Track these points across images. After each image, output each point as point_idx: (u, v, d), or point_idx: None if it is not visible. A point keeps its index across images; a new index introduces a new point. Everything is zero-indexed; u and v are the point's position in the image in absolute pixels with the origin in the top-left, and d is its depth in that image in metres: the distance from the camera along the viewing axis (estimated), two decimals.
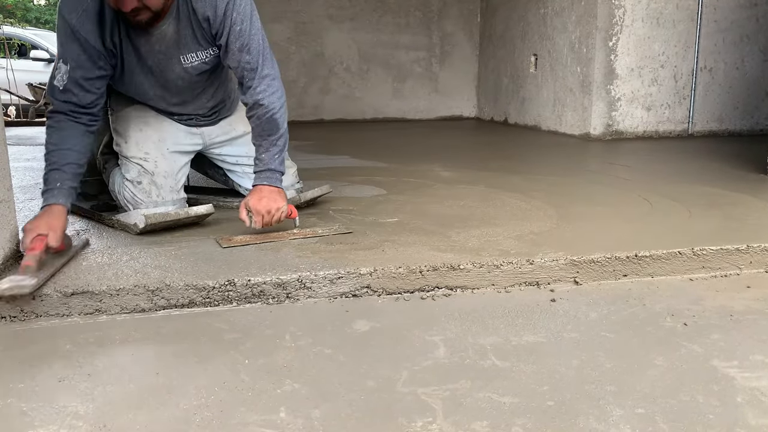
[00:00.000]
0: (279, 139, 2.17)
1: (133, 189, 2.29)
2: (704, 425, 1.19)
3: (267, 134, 2.16)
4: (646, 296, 1.85)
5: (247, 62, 2.12)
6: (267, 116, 2.14)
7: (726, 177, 3.33)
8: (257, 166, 2.17)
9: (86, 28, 2.00)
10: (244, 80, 2.15)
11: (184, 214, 2.21)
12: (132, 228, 2.15)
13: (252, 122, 2.18)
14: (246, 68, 2.12)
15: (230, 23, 2.08)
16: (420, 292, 1.85)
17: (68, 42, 2.01)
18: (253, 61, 2.12)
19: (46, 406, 1.23)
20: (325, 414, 1.21)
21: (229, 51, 2.12)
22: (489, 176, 3.36)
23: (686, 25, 5.10)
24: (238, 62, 2.13)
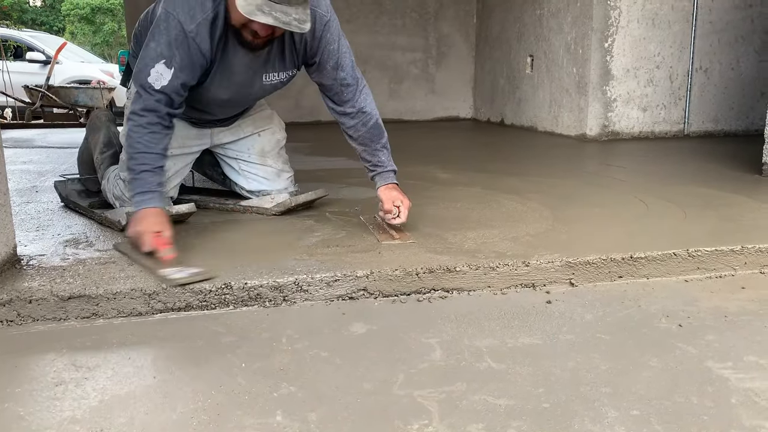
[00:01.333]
0: (386, 141, 2.31)
1: (124, 187, 2.32)
2: (699, 426, 1.19)
3: (377, 139, 2.28)
4: (641, 297, 1.86)
5: (343, 78, 2.23)
6: (372, 122, 2.27)
7: (721, 178, 3.34)
8: (378, 168, 2.27)
9: (202, 38, 2.02)
10: (340, 95, 2.25)
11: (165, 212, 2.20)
12: (116, 225, 2.20)
13: (357, 129, 2.27)
14: (342, 83, 2.24)
15: (325, 43, 2.18)
16: (416, 294, 1.85)
17: (179, 47, 2.00)
18: (348, 76, 2.24)
19: (43, 410, 1.24)
20: (322, 417, 1.22)
21: (324, 69, 2.22)
22: (485, 178, 3.37)
23: (681, 26, 5.12)
24: (334, 79, 2.23)
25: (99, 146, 2.57)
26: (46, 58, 9.92)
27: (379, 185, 2.26)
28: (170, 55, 2.00)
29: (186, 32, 1.99)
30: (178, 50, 2.00)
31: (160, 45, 2.00)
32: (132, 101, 2.04)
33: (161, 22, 2.01)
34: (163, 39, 2.00)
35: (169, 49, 2.00)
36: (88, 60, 11.85)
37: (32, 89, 7.77)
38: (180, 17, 1.99)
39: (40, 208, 2.63)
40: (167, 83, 2.00)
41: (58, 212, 2.54)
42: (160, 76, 1.99)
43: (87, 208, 2.46)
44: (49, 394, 1.30)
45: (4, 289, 1.66)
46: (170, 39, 2.00)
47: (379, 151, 2.28)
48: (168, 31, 2.00)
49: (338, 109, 2.28)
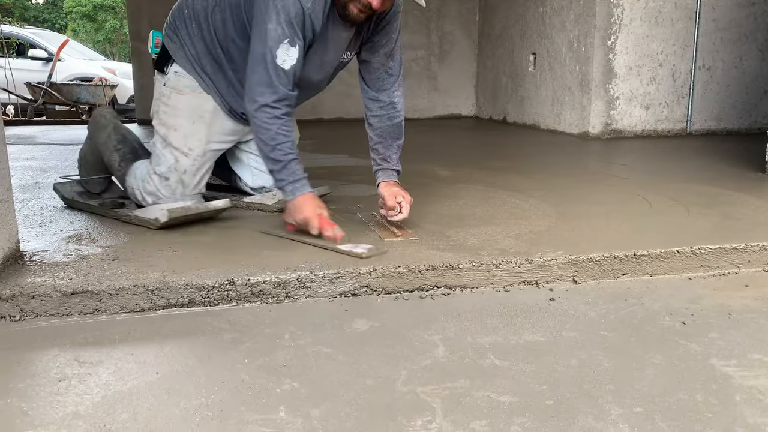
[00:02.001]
0: (401, 143, 2.34)
1: (159, 183, 2.27)
2: (703, 424, 1.19)
3: (396, 137, 2.31)
4: (645, 295, 1.85)
5: (390, 67, 2.27)
6: (398, 120, 2.30)
7: (724, 176, 3.34)
8: (385, 164, 2.28)
9: (316, 15, 2.00)
10: (380, 81, 2.28)
11: (204, 208, 2.24)
12: (153, 223, 2.16)
13: (381, 120, 2.28)
14: (387, 72, 2.27)
15: (389, 29, 2.21)
16: (419, 291, 1.85)
17: (299, 25, 1.98)
18: (395, 68, 2.28)
19: (46, 405, 1.24)
20: (325, 413, 1.22)
21: (376, 52, 2.24)
22: (488, 175, 3.36)
23: (684, 24, 5.11)
24: (381, 64, 2.26)
25: (112, 144, 2.46)
26: (49, 56, 9.93)
27: (380, 180, 2.26)
28: (292, 34, 1.97)
29: (304, 9, 1.97)
30: (298, 28, 1.98)
31: (281, 24, 1.96)
32: (258, 92, 2.00)
33: (275, 1, 1.97)
34: (282, 17, 1.96)
35: (291, 28, 1.97)
36: (90, 57, 11.85)
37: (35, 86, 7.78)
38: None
39: (43, 204, 2.63)
40: (296, 62, 2.00)
41: (60, 209, 2.54)
42: (286, 55, 1.98)
43: (104, 209, 2.38)
44: (52, 389, 1.30)
45: (7, 285, 1.66)
46: (290, 17, 1.96)
47: (392, 148, 2.29)
48: (286, 9, 1.96)
49: (371, 95, 2.28)
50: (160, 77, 2.36)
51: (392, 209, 2.18)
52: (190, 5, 2.28)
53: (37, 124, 7.14)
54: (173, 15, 2.32)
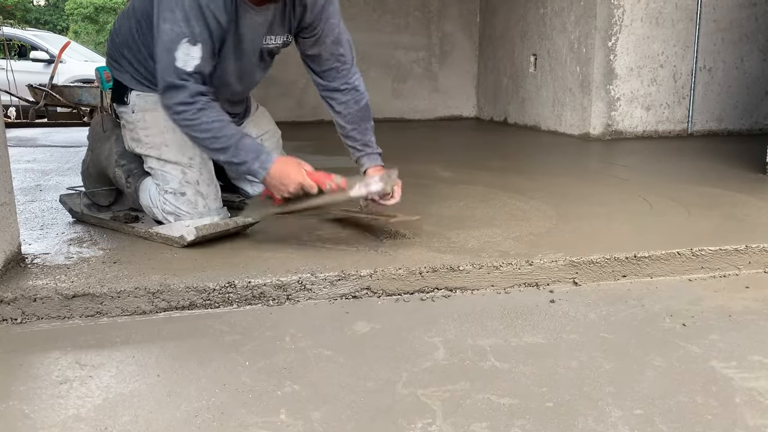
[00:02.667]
0: (373, 126, 2.30)
1: (176, 201, 2.13)
2: (703, 426, 1.19)
3: (366, 119, 2.26)
4: (645, 297, 1.85)
5: (341, 54, 2.21)
6: (364, 102, 2.26)
7: (725, 177, 3.33)
8: (367, 149, 2.25)
9: (216, 5, 1.90)
10: (335, 71, 2.22)
11: (233, 224, 2.09)
12: (177, 241, 2.01)
13: (348, 107, 2.24)
14: (339, 60, 2.21)
15: (327, 15, 2.13)
16: (419, 293, 1.85)
17: (197, 19, 1.87)
18: (346, 53, 2.22)
19: (48, 408, 1.24)
20: (326, 415, 1.22)
21: (322, 43, 2.17)
22: (488, 176, 3.36)
23: (685, 25, 5.11)
24: (331, 54, 2.20)
25: (113, 159, 2.33)
26: (50, 58, 9.95)
27: (367, 166, 2.22)
28: (191, 31, 1.87)
29: (199, 2, 1.87)
30: (197, 23, 1.87)
31: (177, 23, 1.86)
32: (169, 96, 1.90)
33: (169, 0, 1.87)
34: (178, 15, 1.85)
35: (187, 25, 1.86)
36: (91, 59, 11.86)
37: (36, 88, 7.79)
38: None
39: (44, 206, 2.63)
40: (199, 61, 1.88)
41: (62, 211, 2.54)
42: (187, 56, 1.86)
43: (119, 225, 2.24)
44: (54, 392, 1.30)
45: (8, 288, 1.67)
46: (185, 13, 1.85)
47: (368, 131, 2.26)
48: (180, 5, 1.85)
49: (330, 86, 2.23)
50: (124, 108, 2.22)
51: (388, 194, 2.09)
52: (116, 31, 2.23)
53: (39, 126, 7.15)
54: (108, 47, 2.25)
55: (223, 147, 1.91)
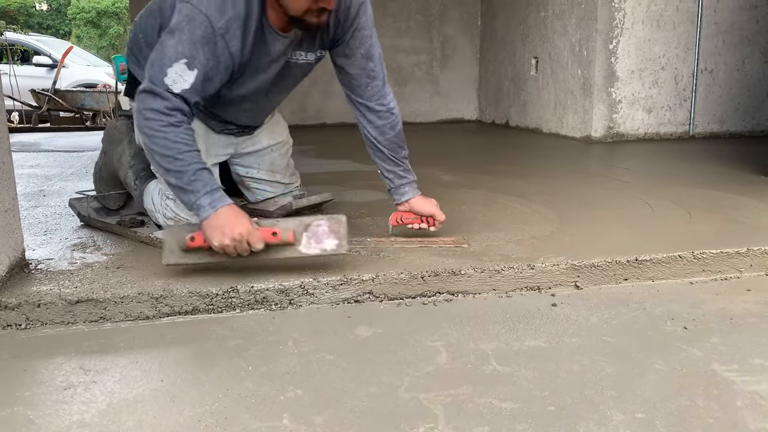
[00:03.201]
0: (407, 150, 2.21)
1: (176, 208, 2.10)
2: (704, 429, 1.20)
3: (402, 145, 2.18)
4: (647, 300, 1.86)
5: (372, 69, 2.09)
6: (399, 126, 2.16)
7: (726, 179, 3.34)
8: (410, 176, 2.18)
9: (232, 35, 1.80)
10: (364, 87, 2.11)
11: None
12: None
13: (384, 133, 2.14)
14: (370, 75, 2.09)
15: (358, 26, 2.02)
16: (421, 297, 1.86)
17: (204, 45, 1.77)
18: (377, 69, 2.10)
19: (52, 414, 1.25)
20: (328, 420, 1.23)
21: (352, 56, 2.06)
22: (490, 180, 3.37)
23: (686, 27, 5.11)
24: (362, 69, 2.08)
25: (126, 159, 2.34)
26: (53, 62, 9.98)
27: (410, 197, 2.15)
28: (193, 56, 1.76)
29: (215, 29, 1.77)
30: (203, 49, 1.77)
31: (182, 43, 1.76)
32: (145, 100, 1.76)
33: (183, 18, 1.78)
34: (185, 36, 1.76)
35: (192, 48, 1.76)
36: (94, 64, 11.90)
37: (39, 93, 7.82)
38: (207, 12, 1.77)
39: (48, 212, 2.64)
40: (189, 87, 1.77)
41: (65, 216, 2.55)
42: (179, 77, 1.76)
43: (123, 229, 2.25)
44: (58, 397, 1.31)
45: (12, 294, 1.68)
46: (194, 37, 1.76)
47: (406, 159, 2.17)
48: (192, 27, 1.76)
49: (365, 103, 2.12)
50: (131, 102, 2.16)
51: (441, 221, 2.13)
52: (141, 28, 2.15)
53: (42, 130, 7.17)
54: (131, 42, 2.19)
55: (178, 170, 1.74)
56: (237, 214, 1.75)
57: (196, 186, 1.73)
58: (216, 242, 1.72)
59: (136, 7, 6.55)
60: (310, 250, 1.78)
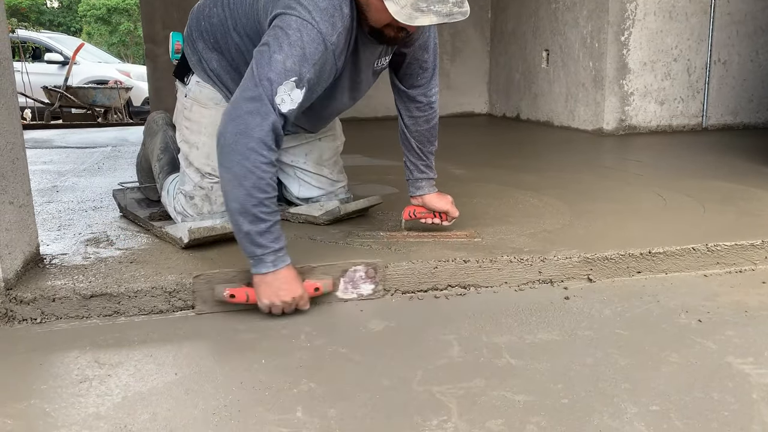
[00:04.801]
0: (437, 145, 2.18)
1: (185, 203, 2.14)
2: (719, 422, 1.19)
3: (434, 140, 2.15)
4: (660, 293, 1.85)
5: (425, 60, 2.04)
6: (435, 121, 2.13)
7: (740, 171, 3.31)
8: (430, 173, 2.16)
9: (340, 49, 1.73)
10: (414, 77, 2.06)
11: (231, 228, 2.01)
12: (178, 242, 2.02)
13: (419, 124, 2.11)
14: (422, 66, 2.05)
15: None
16: (434, 291, 1.86)
17: (314, 63, 1.66)
18: (430, 60, 2.05)
19: (68, 406, 1.26)
20: (342, 413, 1.23)
21: (410, 44, 1.98)
22: (501, 173, 3.36)
23: (699, 18, 5.06)
24: (416, 59, 2.03)
25: (156, 152, 2.36)
26: (64, 59, 10.04)
27: (425, 192, 2.14)
28: (302, 73, 1.64)
29: (327, 45, 1.67)
30: (312, 66, 1.65)
31: (291, 58, 1.62)
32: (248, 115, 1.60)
33: (292, 30, 1.64)
34: (295, 51, 1.63)
35: (302, 66, 1.63)
36: (105, 60, 11.97)
37: (51, 90, 7.88)
38: (320, 27, 1.65)
39: (61, 207, 2.66)
40: (296, 107, 1.65)
41: (78, 212, 2.57)
42: (288, 97, 1.63)
43: (145, 220, 2.26)
44: (74, 390, 1.32)
45: (28, 288, 1.69)
46: (305, 53, 1.64)
47: (432, 155, 2.15)
48: (302, 42, 1.64)
49: (408, 94, 2.08)
50: (181, 87, 2.19)
51: (455, 216, 2.13)
52: (206, 18, 2.07)
53: (54, 127, 7.22)
54: (191, 26, 2.14)
55: (260, 217, 1.60)
56: (294, 277, 1.66)
57: (268, 239, 1.62)
58: (265, 301, 1.64)
59: (147, 3, 6.58)
60: (347, 295, 1.80)
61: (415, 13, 1.62)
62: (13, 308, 1.66)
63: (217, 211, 2.16)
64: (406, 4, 1.62)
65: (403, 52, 2.02)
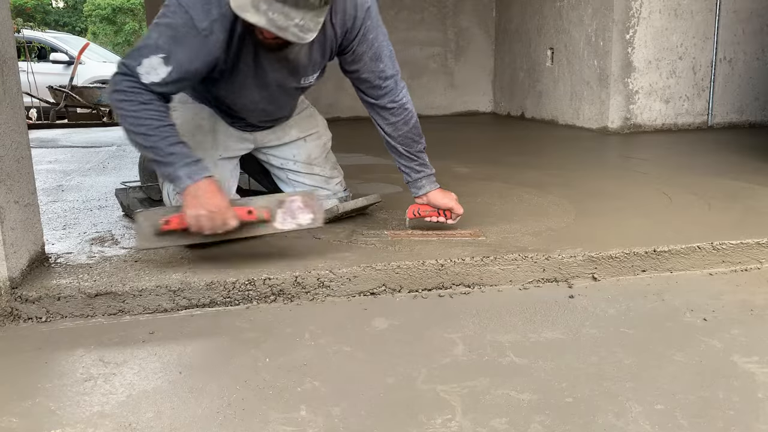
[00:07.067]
0: (424, 142, 2.17)
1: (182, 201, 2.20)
2: (725, 421, 1.18)
3: (419, 138, 2.14)
4: (665, 291, 1.84)
5: (382, 71, 2.04)
6: (414, 120, 2.12)
7: (746, 169, 3.29)
8: (426, 170, 2.14)
9: (216, 36, 1.76)
10: (377, 88, 2.06)
11: None
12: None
13: (398, 128, 2.10)
14: (380, 77, 2.04)
15: (365, 32, 1.98)
16: (438, 289, 1.86)
17: (183, 44, 1.74)
18: (387, 68, 2.05)
19: (73, 405, 1.26)
20: (346, 411, 1.23)
21: (361, 60, 2.01)
22: (506, 172, 3.35)
23: (704, 16, 5.04)
24: (372, 72, 2.03)
25: None
26: (70, 59, 10.06)
27: (428, 190, 2.13)
28: (170, 51, 1.72)
29: (198, 29, 1.73)
30: (182, 47, 1.73)
31: (163, 37, 1.73)
32: (116, 83, 1.73)
33: (169, 12, 1.75)
34: (168, 32, 1.73)
35: (171, 44, 1.73)
36: (110, 60, 11.98)
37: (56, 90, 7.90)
38: (192, 12, 1.73)
39: (66, 206, 2.67)
40: (159, 80, 1.73)
41: (83, 211, 2.58)
42: (152, 69, 1.71)
43: None
44: (79, 389, 1.33)
45: (33, 287, 1.70)
46: (177, 35, 1.73)
47: (422, 153, 2.14)
48: (175, 23, 1.73)
49: (377, 103, 2.07)
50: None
51: (460, 214, 2.12)
52: None
53: (59, 127, 7.24)
54: None
55: (153, 146, 1.72)
56: (214, 189, 1.73)
57: (173, 158, 1.72)
58: (191, 211, 1.70)
59: (152, 3, 6.59)
60: (285, 225, 1.77)
61: (250, 7, 1.65)
62: (19, 307, 1.66)
63: None
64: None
65: (355, 69, 2.04)
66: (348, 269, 1.81)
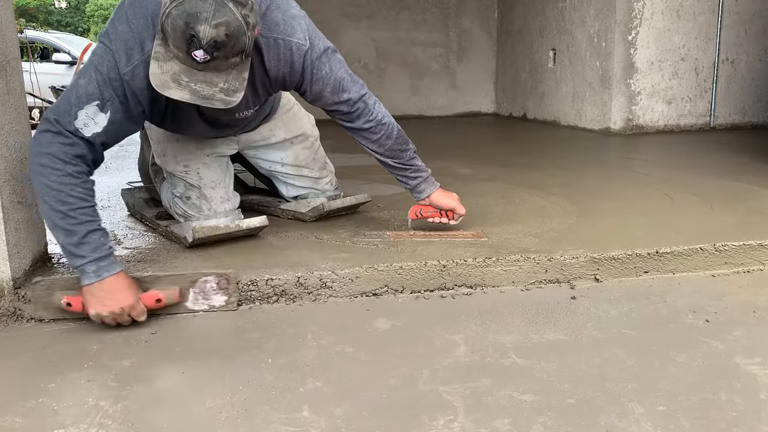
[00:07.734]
0: (413, 147, 2.12)
1: (183, 205, 2.14)
2: (727, 422, 1.18)
3: (406, 146, 2.09)
4: (668, 293, 1.84)
5: (348, 99, 1.98)
6: (396, 131, 2.07)
7: (748, 170, 3.29)
8: (422, 174, 2.12)
9: (138, 83, 1.68)
10: (349, 114, 2.01)
11: (235, 227, 2.05)
12: (182, 241, 2.05)
13: (382, 144, 2.06)
14: (347, 103, 1.99)
15: (312, 72, 1.91)
16: (440, 290, 1.86)
17: (115, 90, 1.67)
18: (352, 93, 1.98)
19: (77, 405, 1.27)
20: (348, 412, 1.23)
21: (323, 97, 1.97)
22: (508, 173, 3.35)
23: (707, 17, 5.04)
24: (336, 102, 1.98)
25: (150, 159, 2.35)
26: (72, 59, 10.07)
27: (429, 193, 2.11)
28: (104, 96, 1.65)
29: (120, 74, 1.66)
30: (115, 92, 1.67)
31: (92, 83, 1.65)
32: (44, 142, 1.61)
33: (96, 55, 1.68)
34: (97, 76, 1.65)
35: (103, 89, 1.65)
36: None
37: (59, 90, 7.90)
38: (116, 56, 1.66)
39: None
40: (101, 130, 1.65)
41: None
42: (90, 120, 1.64)
43: (152, 219, 2.30)
44: (82, 389, 1.33)
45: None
46: (105, 78, 1.65)
47: (413, 159, 2.10)
48: (101, 68, 1.66)
49: (354, 126, 2.04)
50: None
51: (462, 214, 2.12)
52: None
53: None
54: None
55: (68, 230, 1.59)
56: (122, 286, 1.60)
57: (84, 250, 1.59)
58: (92, 311, 1.58)
59: None
60: (197, 306, 1.72)
61: (171, 83, 1.60)
62: (22, 307, 1.67)
63: (219, 210, 2.16)
64: (168, 71, 1.59)
65: (321, 104, 2.00)
66: (350, 270, 1.82)
